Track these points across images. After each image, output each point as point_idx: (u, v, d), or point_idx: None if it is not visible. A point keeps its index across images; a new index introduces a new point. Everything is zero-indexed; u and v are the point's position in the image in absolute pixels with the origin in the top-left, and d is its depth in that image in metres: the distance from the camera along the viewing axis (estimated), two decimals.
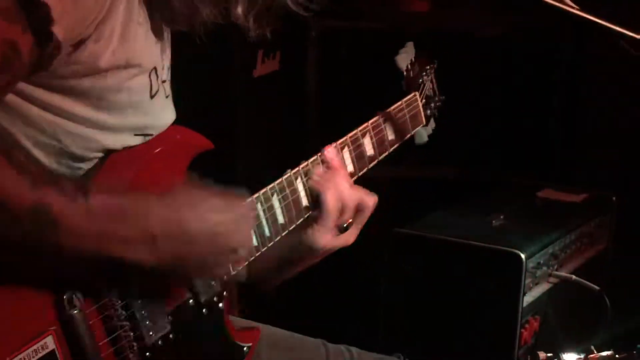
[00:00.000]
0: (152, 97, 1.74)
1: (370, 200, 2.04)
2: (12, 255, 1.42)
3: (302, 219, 1.98)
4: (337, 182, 1.98)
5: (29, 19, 1.42)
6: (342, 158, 2.06)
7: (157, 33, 1.75)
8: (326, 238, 1.98)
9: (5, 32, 1.40)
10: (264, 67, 3.60)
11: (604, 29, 1.80)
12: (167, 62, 1.83)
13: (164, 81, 1.80)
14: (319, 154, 2.01)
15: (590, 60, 3.94)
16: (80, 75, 1.57)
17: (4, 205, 1.35)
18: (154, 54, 1.74)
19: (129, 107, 1.68)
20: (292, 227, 1.96)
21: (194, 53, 1.92)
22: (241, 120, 3.58)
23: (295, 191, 1.95)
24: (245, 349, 1.86)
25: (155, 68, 1.74)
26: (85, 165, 1.65)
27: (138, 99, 1.70)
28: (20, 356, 1.46)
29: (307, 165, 1.98)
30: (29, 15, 1.42)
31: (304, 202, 1.97)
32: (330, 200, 1.96)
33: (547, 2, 1.83)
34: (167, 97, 1.82)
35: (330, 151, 2.02)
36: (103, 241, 1.45)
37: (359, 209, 2.02)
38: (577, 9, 1.84)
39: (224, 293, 1.81)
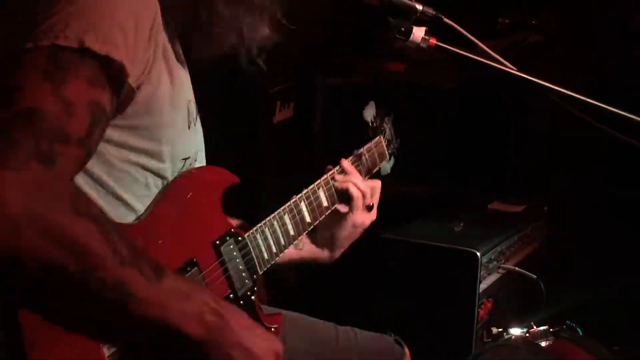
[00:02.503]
0: (189, 127, 1.67)
1: (377, 184, 2.20)
2: (86, 311, 1.33)
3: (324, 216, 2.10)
4: (355, 179, 2.14)
5: (108, 78, 1.34)
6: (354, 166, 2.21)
7: (185, 70, 1.68)
8: (361, 217, 2.14)
9: (91, 95, 1.33)
10: (281, 114, 3.59)
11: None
12: (192, 96, 1.72)
13: (192, 111, 1.71)
14: (337, 167, 2.15)
15: (525, 104, 3.95)
16: (142, 113, 1.50)
17: (96, 273, 1.27)
18: (184, 89, 1.66)
19: (177, 138, 1.62)
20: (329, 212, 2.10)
21: (228, 105, 1.91)
22: (264, 156, 3.58)
23: (318, 198, 2.08)
24: (272, 329, 1.84)
25: (187, 101, 1.66)
26: (148, 193, 1.59)
27: (181, 130, 1.63)
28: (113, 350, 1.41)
29: (332, 172, 2.13)
30: (108, 75, 1.34)
31: (325, 203, 2.10)
32: (355, 191, 2.11)
33: (491, 66, 1.81)
34: (195, 125, 1.73)
35: (345, 162, 2.17)
36: (165, 312, 1.36)
37: (373, 193, 2.18)
38: (515, 69, 1.82)
39: (255, 288, 1.80)
